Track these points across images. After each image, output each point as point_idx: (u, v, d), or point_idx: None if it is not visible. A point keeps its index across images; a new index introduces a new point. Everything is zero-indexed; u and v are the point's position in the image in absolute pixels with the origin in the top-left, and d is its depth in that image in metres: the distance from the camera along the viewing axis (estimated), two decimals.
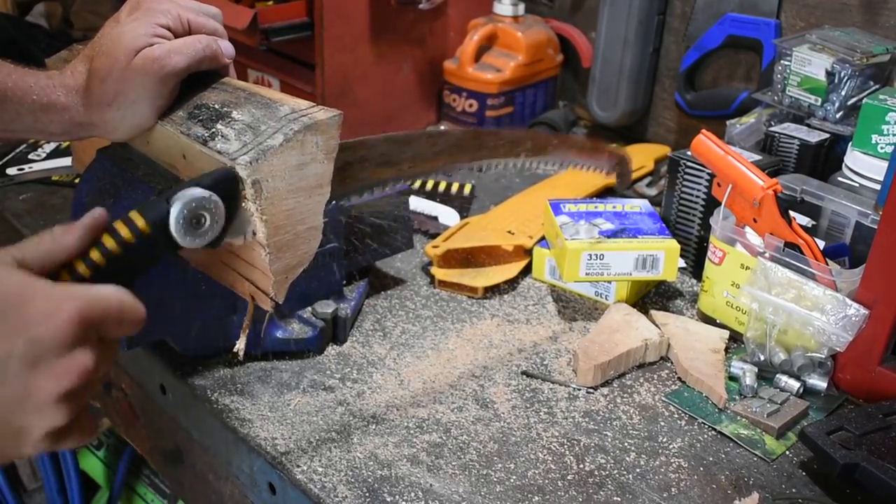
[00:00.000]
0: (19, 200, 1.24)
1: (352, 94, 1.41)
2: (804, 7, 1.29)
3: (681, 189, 1.13)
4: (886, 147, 1.02)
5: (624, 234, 1.06)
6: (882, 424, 0.85)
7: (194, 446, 0.98)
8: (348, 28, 1.36)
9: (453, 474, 0.84)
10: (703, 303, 1.06)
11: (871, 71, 1.13)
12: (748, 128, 1.19)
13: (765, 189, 0.95)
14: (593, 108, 1.51)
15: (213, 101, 0.81)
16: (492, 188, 1.38)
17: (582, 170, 1.01)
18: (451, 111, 1.52)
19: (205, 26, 0.84)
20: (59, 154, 1.37)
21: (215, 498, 0.98)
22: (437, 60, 1.52)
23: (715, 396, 0.94)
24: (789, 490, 0.84)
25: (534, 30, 1.51)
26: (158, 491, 1.64)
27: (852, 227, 1.01)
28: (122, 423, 1.14)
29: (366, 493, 0.81)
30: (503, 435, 0.89)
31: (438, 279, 1.12)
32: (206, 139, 0.77)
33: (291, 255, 0.79)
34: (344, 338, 1.01)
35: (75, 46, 0.96)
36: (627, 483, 0.84)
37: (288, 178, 0.76)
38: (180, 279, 0.89)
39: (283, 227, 0.77)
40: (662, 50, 1.48)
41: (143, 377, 1.02)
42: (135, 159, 0.86)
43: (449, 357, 1.00)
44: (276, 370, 0.96)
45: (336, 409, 0.91)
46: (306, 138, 0.76)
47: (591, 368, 0.95)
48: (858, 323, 0.91)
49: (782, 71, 1.17)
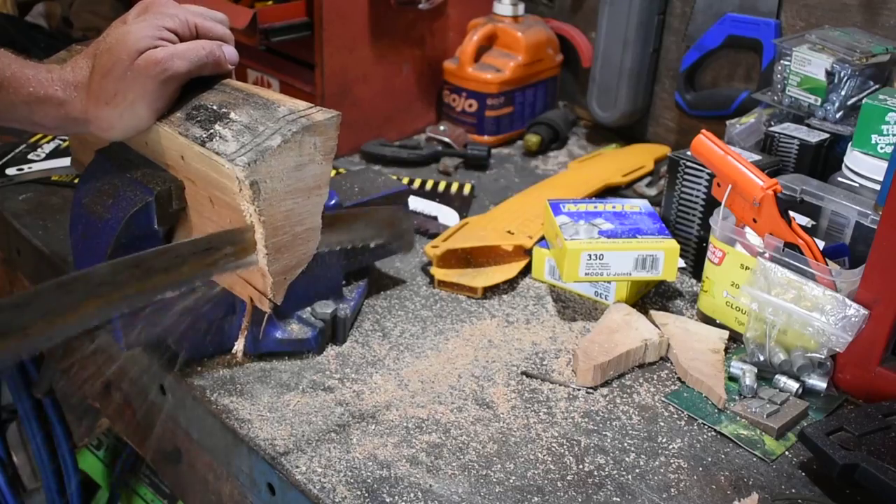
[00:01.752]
0: (19, 200, 1.24)
1: (352, 94, 1.41)
2: (804, 7, 1.29)
3: (681, 189, 1.13)
4: (886, 147, 1.02)
5: (623, 234, 1.06)
6: (882, 425, 0.85)
7: (194, 446, 0.98)
8: (348, 28, 1.36)
9: (453, 475, 0.84)
10: (703, 303, 1.06)
11: (871, 71, 1.13)
12: (748, 128, 1.19)
13: (765, 189, 0.95)
14: (593, 108, 1.51)
15: (211, 102, 0.81)
16: (492, 188, 1.38)
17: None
18: (451, 111, 1.52)
19: (212, 31, 0.83)
20: (59, 154, 1.37)
21: (215, 498, 0.98)
22: (437, 60, 1.52)
23: (714, 397, 0.94)
24: (789, 490, 0.84)
25: (534, 30, 1.51)
26: (158, 491, 1.64)
27: (852, 227, 1.01)
28: (122, 423, 1.14)
29: (365, 493, 0.81)
30: (503, 435, 0.89)
31: (438, 279, 1.12)
32: (204, 140, 0.77)
33: (290, 256, 0.79)
34: (343, 338, 1.01)
35: (75, 46, 0.96)
36: (627, 483, 0.84)
37: (286, 179, 0.76)
38: None
39: (282, 228, 0.77)
40: (662, 50, 1.48)
41: (143, 377, 1.02)
42: (133, 160, 0.86)
43: (448, 357, 1.00)
44: (276, 370, 0.96)
45: (335, 410, 0.91)
46: (304, 139, 0.76)
47: (590, 369, 0.95)
48: (858, 323, 0.90)
49: (782, 71, 1.17)
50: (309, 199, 0.78)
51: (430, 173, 1.42)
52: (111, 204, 0.84)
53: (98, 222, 0.84)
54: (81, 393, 1.23)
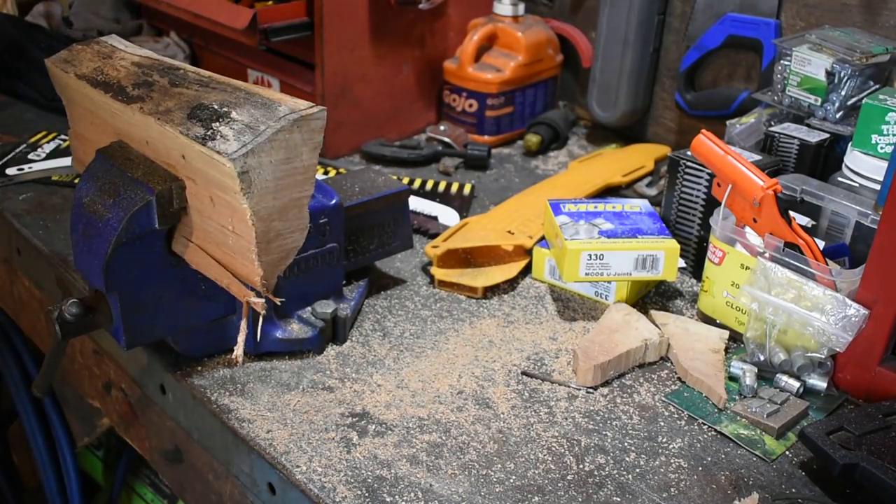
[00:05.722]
0: (19, 200, 1.24)
1: (352, 94, 1.41)
2: (804, 7, 1.29)
3: (681, 189, 1.13)
4: (886, 147, 1.02)
5: (624, 234, 1.06)
6: (882, 424, 0.85)
7: (194, 446, 0.98)
8: (348, 28, 1.36)
9: (453, 474, 0.84)
10: (703, 303, 1.06)
11: (871, 71, 1.13)
12: (748, 128, 1.19)
13: (765, 189, 0.95)
14: (593, 108, 1.51)
15: (212, 101, 0.81)
16: (492, 188, 1.38)
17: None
18: (451, 111, 1.52)
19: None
20: (59, 154, 1.37)
21: (215, 498, 0.98)
22: (437, 60, 1.52)
23: (715, 397, 0.94)
24: (789, 490, 0.84)
25: (534, 30, 1.51)
26: (158, 491, 1.64)
27: (852, 227, 1.01)
28: (122, 423, 1.14)
29: (365, 493, 0.81)
30: (503, 435, 0.89)
31: (438, 279, 1.12)
32: (205, 139, 0.77)
33: (279, 248, 0.80)
34: (344, 338, 1.01)
35: (75, 46, 0.96)
36: (627, 483, 0.84)
37: (275, 171, 0.77)
38: (180, 279, 0.89)
39: (270, 219, 0.79)
40: (662, 50, 1.48)
41: (143, 377, 1.02)
42: (134, 159, 0.86)
43: (448, 357, 1.00)
44: (276, 370, 0.96)
45: (336, 409, 0.91)
46: (293, 133, 0.77)
47: (590, 368, 0.95)
48: (858, 323, 0.91)
49: (782, 71, 1.17)
50: (297, 192, 0.80)
51: (430, 173, 1.42)
52: (112, 203, 0.84)
53: (98, 222, 0.84)
54: (81, 393, 1.23)
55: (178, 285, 0.89)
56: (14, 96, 1.58)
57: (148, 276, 0.86)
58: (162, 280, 0.87)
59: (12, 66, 1.56)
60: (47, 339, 1.19)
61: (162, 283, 0.88)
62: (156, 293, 0.88)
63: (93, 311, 0.87)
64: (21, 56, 1.55)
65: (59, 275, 1.11)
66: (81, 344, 1.15)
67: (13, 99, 1.58)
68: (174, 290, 0.89)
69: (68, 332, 0.87)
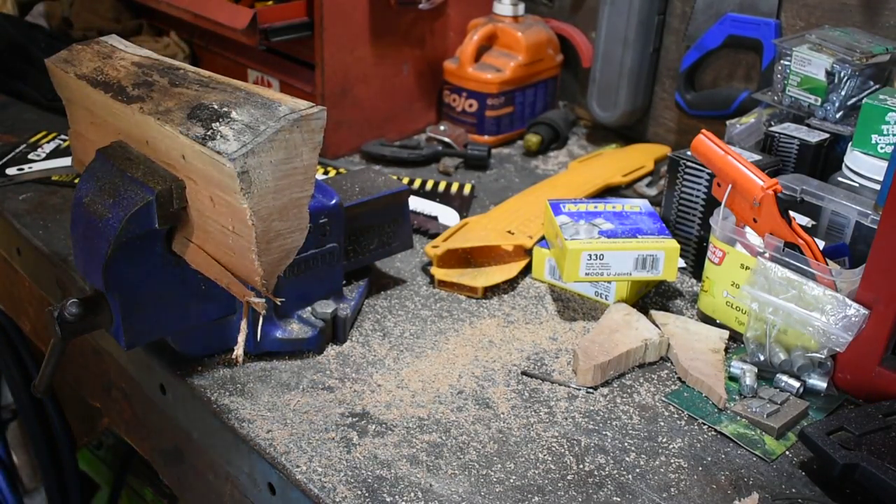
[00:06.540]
0: (19, 200, 1.24)
1: (352, 94, 1.41)
2: (804, 7, 1.29)
3: (681, 189, 1.13)
4: (886, 147, 1.02)
5: (624, 234, 1.06)
6: (882, 424, 0.85)
7: (194, 446, 0.98)
8: (348, 28, 1.36)
9: (453, 474, 0.84)
10: (703, 303, 1.06)
11: (871, 71, 1.13)
12: (748, 128, 1.19)
13: (765, 189, 0.95)
14: (593, 108, 1.51)
15: (212, 101, 0.81)
16: (492, 188, 1.38)
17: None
18: (452, 111, 1.52)
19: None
20: (59, 154, 1.37)
21: (215, 498, 0.98)
22: (437, 60, 1.52)
23: (715, 396, 0.94)
24: (789, 490, 0.84)
25: (534, 30, 1.51)
26: (158, 491, 1.64)
27: (852, 227, 1.01)
28: (122, 423, 1.14)
29: (365, 493, 0.81)
30: (503, 435, 0.89)
31: (438, 279, 1.12)
32: (205, 139, 0.77)
33: (279, 248, 0.80)
34: (344, 338, 1.01)
35: (75, 46, 0.96)
36: (627, 483, 0.84)
37: (275, 171, 0.77)
38: (180, 279, 0.89)
39: (270, 219, 0.79)
40: (662, 50, 1.48)
41: (143, 377, 1.02)
42: (134, 159, 0.86)
43: (448, 357, 1.00)
44: (276, 370, 0.96)
45: (336, 409, 0.91)
46: (293, 133, 0.77)
47: (590, 368, 0.95)
48: (858, 323, 0.91)
49: (782, 71, 1.17)
50: (297, 191, 0.80)
51: (430, 173, 1.42)
52: (112, 203, 0.84)
53: (98, 222, 0.84)
54: (81, 393, 1.23)
55: (178, 285, 0.89)
56: (14, 96, 1.58)
57: (148, 275, 0.86)
58: (162, 280, 0.87)
59: (12, 66, 1.56)
60: (47, 339, 1.19)
61: (162, 283, 0.88)
62: (156, 293, 0.88)
63: (93, 311, 0.87)
64: (21, 56, 1.55)
65: (59, 275, 1.11)
66: (81, 344, 1.15)
67: (13, 99, 1.58)
68: (174, 290, 0.89)
69: (68, 332, 0.87)
